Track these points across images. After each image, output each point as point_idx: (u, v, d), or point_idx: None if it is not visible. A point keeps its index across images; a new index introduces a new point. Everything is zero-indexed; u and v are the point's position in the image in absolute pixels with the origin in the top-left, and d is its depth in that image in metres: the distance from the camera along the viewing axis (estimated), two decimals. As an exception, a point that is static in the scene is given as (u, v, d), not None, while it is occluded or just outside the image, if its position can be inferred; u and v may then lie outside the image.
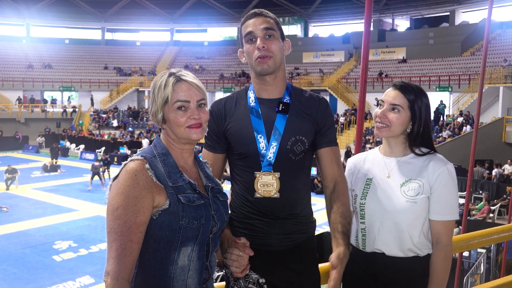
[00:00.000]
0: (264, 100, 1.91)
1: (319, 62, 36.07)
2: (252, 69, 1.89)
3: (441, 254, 1.88)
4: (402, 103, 1.91)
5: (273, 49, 1.83)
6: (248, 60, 1.88)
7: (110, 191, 1.51)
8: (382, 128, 1.93)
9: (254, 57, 1.83)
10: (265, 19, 1.85)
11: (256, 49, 1.82)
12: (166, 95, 1.56)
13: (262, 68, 1.84)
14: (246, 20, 1.87)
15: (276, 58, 1.84)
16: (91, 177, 17.66)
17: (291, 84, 2.00)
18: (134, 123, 32.76)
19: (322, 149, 1.93)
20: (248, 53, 1.86)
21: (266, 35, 1.83)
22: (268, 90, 1.91)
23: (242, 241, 1.74)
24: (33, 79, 36.52)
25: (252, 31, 1.83)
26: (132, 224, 1.45)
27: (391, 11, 39.32)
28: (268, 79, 1.89)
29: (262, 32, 1.82)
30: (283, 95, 1.91)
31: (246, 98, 1.93)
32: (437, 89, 27.00)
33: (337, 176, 1.93)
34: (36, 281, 8.86)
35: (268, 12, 1.88)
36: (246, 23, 1.86)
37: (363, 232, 1.96)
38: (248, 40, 1.85)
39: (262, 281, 1.85)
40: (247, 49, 1.86)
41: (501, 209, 13.55)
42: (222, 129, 1.91)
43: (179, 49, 44.31)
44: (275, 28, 1.86)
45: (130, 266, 1.44)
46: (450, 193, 1.89)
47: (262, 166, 1.85)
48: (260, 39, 1.82)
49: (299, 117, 1.89)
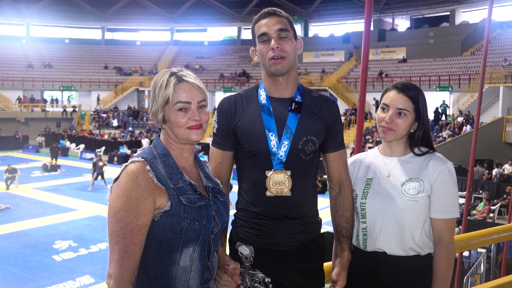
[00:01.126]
0: (276, 99, 1.90)
1: (319, 62, 36.07)
2: (265, 69, 1.88)
3: (444, 252, 1.89)
4: (408, 106, 1.91)
5: (287, 50, 1.82)
6: (261, 60, 1.87)
7: (111, 193, 1.50)
8: (389, 132, 1.93)
9: (268, 58, 1.82)
10: (279, 19, 1.84)
11: (270, 49, 1.81)
12: (167, 96, 1.55)
13: (276, 69, 1.83)
14: (259, 19, 1.86)
15: (290, 59, 1.83)
16: (94, 178, 17.51)
17: (302, 84, 1.99)
18: (134, 123, 32.77)
19: (331, 153, 1.95)
20: (261, 53, 1.85)
21: (280, 36, 1.82)
22: (279, 89, 1.90)
23: (232, 266, 1.74)
24: (33, 79, 36.53)
25: (266, 32, 1.82)
26: (134, 226, 1.44)
27: (391, 11, 39.31)
28: (280, 79, 1.88)
29: (276, 33, 1.81)
30: (295, 95, 1.91)
31: (257, 95, 1.92)
32: (437, 89, 27.01)
33: (344, 180, 1.97)
34: (36, 280, 8.86)
35: (281, 11, 1.87)
36: (260, 23, 1.85)
37: (364, 231, 1.96)
38: (262, 41, 1.84)
39: (268, 280, 1.86)
40: (260, 49, 1.85)
41: (501, 209, 13.55)
42: (232, 126, 1.89)
43: (179, 48, 44.31)
44: (289, 28, 1.85)
45: (132, 268, 1.44)
46: (451, 191, 1.90)
47: (273, 164, 1.84)
48: (274, 40, 1.81)
49: (310, 117, 1.89)
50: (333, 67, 34.87)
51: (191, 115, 1.57)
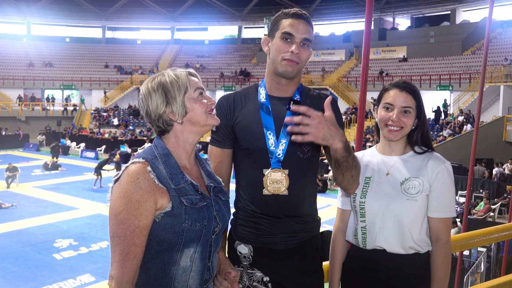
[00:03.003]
0: (275, 98, 1.91)
1: (319, 61, 36.03)
2: (273, 66, 1.88)
3: (442, 252, 1.90)
4: (411, 104, 1.92)
5: (303, 58, 1.84)
6: (273, 55, 1.86)
7: (111, 194, 1.50)
8: (396, 132, 1.93)
9: (283, 57, 1.82)
10: (308, 28, 1.84)
11: (289, 52, 1.81)
12: (185, 85, 1.57)
13: (286, 70, 1.84)
14: (288, 17, 1.84)
15: (301, 66, 1.86)
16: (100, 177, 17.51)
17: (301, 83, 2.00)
18: (135, 122, 32.76)
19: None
20: (278, 49, 1.84)
21: (303, 43, 1.83)
22: (281, 89, 1.92)
23: (233, 274, 1.74)
24: (33, 77, 36.54)
25: (293, 33, 1.81)
26: (135, 228, 1.44)
27: (392, 10, 39.27)
28: (284, 81, 1.89)
29: (301, 40, 1.82)
30: (294, 94, 1.92)
31: (257, 94, 1.94)
32: (437, 88, 26.99)
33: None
34: (37, 279, 8.87)
35: (309, 16, 1.88)
36: (289, 21, 1.83)
37: (363, 230, 1.96)
38: (284, 38, 1.83)
39: (267, 279, 1.86)
40: (278, 45, 1.84)
41: (502, 208, 13.56)
42: (231, 123, 1.90)
43: (180, 47, 44.28)
44: (312, 38, 1.86)
45: (134, 270, 1.44)
46: (449, 191, 1.91)
47: (271, 162, 1.85)
48: (297, 45, 1.81)
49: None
50: (334, 66, 34.85)
51: (207, 99, 1.61)
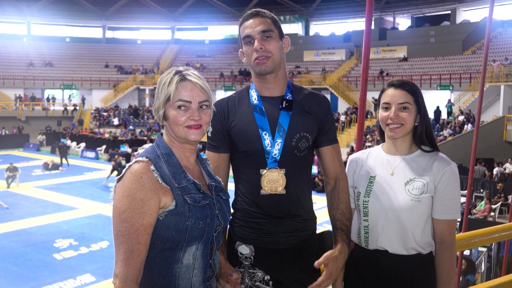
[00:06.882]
0: (267, 98, 1.93)
1: (320, 61, 36.05)
2: (252, 70, 1.92)
3: (447, 254, 1.90)
4: (408, 99, 1.93)
5: (271, 49, 1.85)
6: (248, 61, 1.91)
7: (115, 193, 1.51)
8: (397, 129, 1.93)
9: (253, 59, 1.86)
10: (262, 20, 1.86)
11: (254, 51, 1.85)
12: (169, 93, 1.56)
13: (260, 69, 1.86)
14: (244, 21, 1.89)
15: (275, 58, 1.86)
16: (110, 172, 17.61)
17: (292, 82, 2.02)
18: (135, 122, 32.78)
19: (325, 147, 1.97)
20: (247, 54, 1.89)
21: (263, 37, 1.85)
22: (269, 88, 1.93)
23: (235, 276, 1.76)
24: (34, 77, 36.54)
25: (249, 34, 1.85)
26: (139, 226, 1.45)
27: (392, 10, 39.27)
28: (269, 78, 1.91)
29: (259, 34, 1.84)
30: (285, 93, 1.94)
31: (249, 96, 1.96)
32: (438, 87, 26.99)
33: (339, 173, 1.98)
34: (37, 279, 8.86)
35: (265, 11, 1.89)
36: (244, 25, 1.88)
37: (366, 229, 1.96)
38: (246, 42, 1.87)
39: (268, 278, 1.87)
40: (245, 50, 1.89)
41: (502, 208, 13.55)
42: (226, 127, 1.92)
43: (180, 47, 44.28)
44: (273, 28, 1.87)
45: (138, 268, 1.45)
46: (454, 193, 1.90)
47: (267, 163, 1.86)
48: (258, 41, 1.84)
49: (302, 114, 1.91)
50: (334, 65, 34.85)
51: (190, 115, 1.57)
